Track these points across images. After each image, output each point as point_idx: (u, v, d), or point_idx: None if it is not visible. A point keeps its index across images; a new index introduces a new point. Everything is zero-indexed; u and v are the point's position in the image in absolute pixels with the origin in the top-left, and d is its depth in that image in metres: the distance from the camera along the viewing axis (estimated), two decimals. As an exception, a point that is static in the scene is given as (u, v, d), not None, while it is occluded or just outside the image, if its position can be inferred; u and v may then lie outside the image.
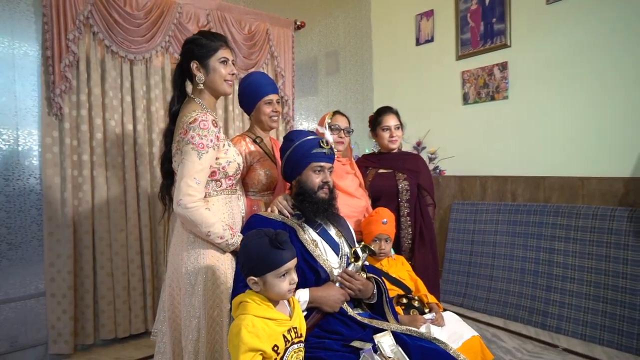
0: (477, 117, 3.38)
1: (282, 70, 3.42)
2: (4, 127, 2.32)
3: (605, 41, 2.68)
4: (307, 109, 3.84)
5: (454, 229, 3.37)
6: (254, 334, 1.03)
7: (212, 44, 1.43)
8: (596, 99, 2.73)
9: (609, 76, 2.67)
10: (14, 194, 2.35)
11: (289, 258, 1.11)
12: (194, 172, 1.30)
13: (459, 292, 3.24)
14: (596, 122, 2.74)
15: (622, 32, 2.61)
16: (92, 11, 2.49)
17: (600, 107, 2.72)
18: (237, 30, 3.13)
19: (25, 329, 2.39)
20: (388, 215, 1.84)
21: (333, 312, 1.36)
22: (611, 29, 2.65)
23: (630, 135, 2.58)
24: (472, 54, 3.36)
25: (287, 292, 1.12)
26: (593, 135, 2.75)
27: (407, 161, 2.18)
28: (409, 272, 1.91)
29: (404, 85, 3.95)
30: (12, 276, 2.35)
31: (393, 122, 2.15)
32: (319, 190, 1.48)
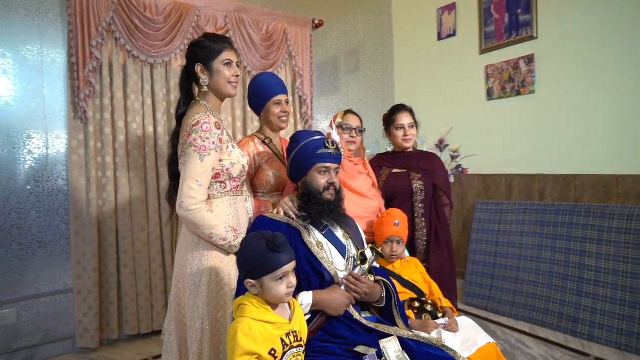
0: (502, 113, 3.24)
1: (300, 69, 3.41)
2: (34, 131, 2.44)
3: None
4: (327, 108, 3.82)
5: (478, 229, 3.26)
6: (250, 337, 1.03)
7: (215, 46, 1.44)
8: (631, 91, 2.55)
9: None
10: (43, 194, 2.47)
11: (286, 261, 1.10)
12: (195, 174, 1.31)
13: (483, 294, 3.12)
14: (631, 115, 2.56)
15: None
16: (114, 17, 2.57)
17: (634, 99, 2.54)
18: (254, 31, 3.15)
19: (55, 323, 2.51)
20: (400, 216, 1.80)
21: (337, 315, 1.33)
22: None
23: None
24: (496, 47, 3.23)
25: (285, 296, 1.11)
26: (628, 130, 2.57)
27: (421, 160, 2.12)
28: (423, 274, 1.85)
29: (425, 81, 3.85)
30: (42, 272, 2.48)
31: (407, 120, 2.09)
32: (325, 191, 1.45)
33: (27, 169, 2.42)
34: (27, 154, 2.42)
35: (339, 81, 3.86)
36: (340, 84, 3.87)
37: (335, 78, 3.83)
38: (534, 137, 3.05)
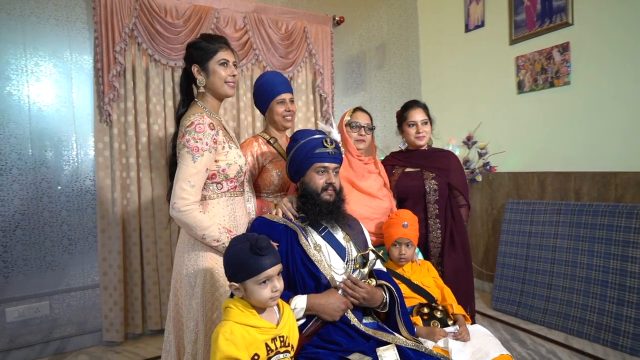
0: (534, 107, 3.03)
1: (321, 67, 3.37)
2: (64, 134, 2.58)
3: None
4: (351, 106, 3.74)
5: (508, 231, 3.07)
6: (231, 341, 1.01)
7: (211, 46, 1.44)
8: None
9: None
10: (73, 194, 2.61)
11: (269, 265, 1.07)
12: (188, 176, 1.31)
13: (513, 300, 2.94)
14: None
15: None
16: (137, 23, 2.66)
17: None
18: (273, 31, 3.15)
19: (85, 317, 2.64)
20: (409, 218, 1.72)
21: (333, 320, 1.29)
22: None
23: None
24: (528, 36, 3.02)
25: (269, 300, 1.08)
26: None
27: (435, 159, 2.01)
28: (435, 279, 1.76)
29: (452, 76, 3.69)
30: (72, 268, 2.61)
31: (420, 116, 1.99)
32: (323, 192, 1.41)
33: (58, 170, 2.56)
34: (58, 157, 2.56)
35: (364, 79, 3.78)
36: (366, 82, 3.79)
37: (361, 75, 3.76)
38: (569, 131, 2.83)
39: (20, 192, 2.46)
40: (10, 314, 2.44)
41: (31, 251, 2.50)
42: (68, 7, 2.58)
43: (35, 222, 2.50)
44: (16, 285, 2.46)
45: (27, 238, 2.48)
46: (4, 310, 2.43)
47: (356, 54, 3.73)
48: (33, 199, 2.49)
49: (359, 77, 3.76)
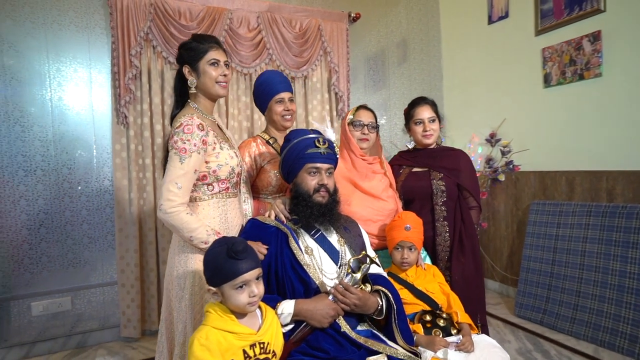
0: (562, 101, 2.83)
1: (336, 65, 3.32)
2: (84, 136, 2.68)
3: None
4: (376, 104, 3.66)
5: (533, 234, 2.89)
6: (206, 347, 0.99)
7: (201, 46, 1.42)
8: None
9: None
10: (92, 194, 2.70)
11: (245, 269, 1.04)
12: (175, 177, 1.30)
13: (538, 307, 2.77)
14: None
15: None
16: (152, 27, 2.72)
17: None
18: (287, 30, 3.13)
19: (104, 313, 2.74)
20: (412, 220, 1.64)
21: (321, 327, 1.24)
22: None
23: None
24: (555, 26, 2.83)
25: (247, 305, 1.05)
26: None
27: (444, 158, 1.91)
28: (442, 284, 1.67)
29: (475, 70, 3.53)
30: (92, 266, 2.71)
31: (427, 114, 1.90)
32: (315, 194, 1.37)
33: (79, 171, 2.66)
34: (79, 158, 2.66)
35: (383, 76, 3.68)
36: (385, 79, 3.69)
37: (379, 73, 3.67)
38: (600, 127, 2.62)
39: (43, 192, 2.58)
40: (35, 308, 2.56)
41: (54, 249, 2.61)
42: (87, 14, 2.67)
43: (57, 221, 2.61)
44: (41, 281, 2.58)
45: (51, 236, 2.60)
46: (29, 304, 2.56)
47: (375, 50, 3.65)
48: (55, 198, 2.61)
49: (376, 75, 3.67)
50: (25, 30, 2.53)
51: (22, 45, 2.52)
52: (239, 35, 2.98)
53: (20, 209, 2.53)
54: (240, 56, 3.00)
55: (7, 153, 2.50)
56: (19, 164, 2.52)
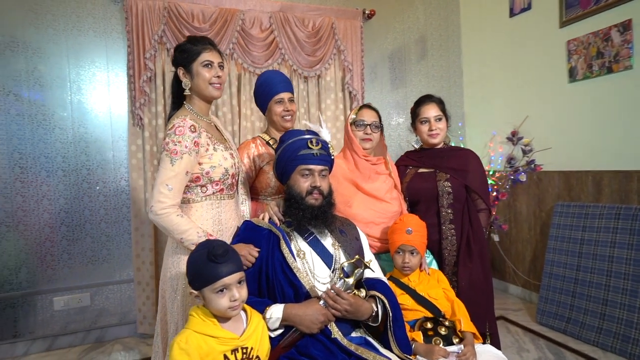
0: (589, 96, 2.66)
1: (350, 64, 3.27)
2: (101, 138, 2.77)
3: None
4: (395, 103, 3.59)
5: (557, 237, 2.74)
6: (185, 351, 0.98)
7: (194, 48, 1.42)
8: None
9: None
10: (110, 194, 2.79)
11: (225, 273, 1.02)
12: (166, 179, 1.31)
13: (561, 315, 2.62)
14: None
15: None
16: (165, 30, 2.77)
17: None
18: (300, 29, 3.11)
19: (122, 309, 2.82)
20: (414, 224, 1.57)
21: (310, 333, 1.21)
22: None
23: None
24: (581, 16, 2.66)
25: (228, 310, 1.04)
26: None
27: (451, 158, 1.82)
28: (446, 290, 1.60)
29: (496, 65, 3.38)
30: (110, 264, 2.80)
31: (433, 112, 1.82)
32: (308, 196, 1.34)
33: (97, 172, 2.75)
34: (97, 159, 2.75)
35: (400, 73, 3.59)
36: (402, 77, 3.60)
37: (394, 70, 3.58)
38: (630, 123, 2.44)
39: (64, 192, 2.69)
40: (57, 303, 2.68)
41: (74, 246, 2.72)
42: (105, 19, 2.76)
43: (77, 220, 2.71)
44: (62, 277, 2.69)
45: (71, 234, 2.70)
46: (52, 299, 2.67)
47: (392, 48, 3.57)
48: (75, 198, 2.71)
49: (394, 72, 3.59)
50: (47, 36, 2.63)
51: (45, 51, 2.63)
52: (251, 35, 2.99)
53: (43, 208, 2.64)
54: (252, 56, 3.00)
55: (30, 155, 2.61)
56: (41, 165, 2.63)
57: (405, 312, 1.53)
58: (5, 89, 2.55)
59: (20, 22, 2.58)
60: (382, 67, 3.55)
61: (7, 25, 2.55)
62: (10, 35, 2.57)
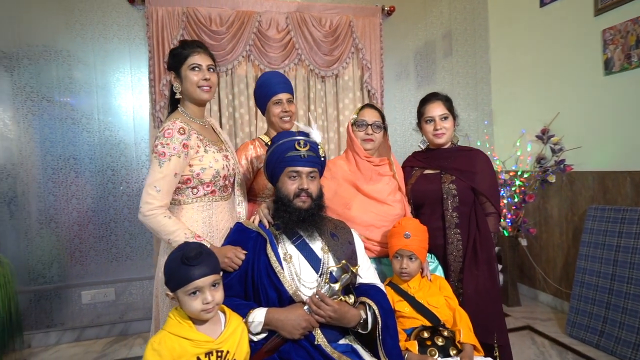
0: (627, 90, 2.44)
1: (368, 62, 3.20)
2: (125, 140, 2.89)
3: None
4: (410, 101, 3.48)
5: (590, 243, 2.53)
6: (157, 352, 0.99)
7: (183, 52, 1.44)
8: None
9: None
10: (133, 194, 2.91)
11: (197, 276, 1.02)
12: (154, 181, 1.33)
13: (594, 327, 2.42)
14: None
15: None
16: (184, 34, 2.85)
17: None
18: (317, 29, 3.09)
19: (143, 304, 2.93)
20: (413, 228, 1.50)
21: (292, 338, 1.19)
22: None
23: None
24: (618, 2, 2.43)
25: (201, 312, 1.04)
26: None
27: (457, 159, 1.72)
28: (448, 298, 1.51)
29: (526, 59, 3.18)
30: (133, 260, 2.92)
31: (438, 111, 1.73)
32: (295, 198, 1.31)
33: (121, 172, 2.88)
34: (121, 160, 2.88)
35: (427, 71, 3.47)
36: (428, 74, 3.48)
37: (419, 67, 3.47)
38: (675, 120, 2.21)
39: (91, 192, 2.83)
40: (85, 297, 2.83)
41: (100, 243, 2.86)
42: (128, 26, 2.88)
43: (103, 218, 2.85)
44: (89, 272, 2.84)
45: (97, 232, 2.85)
46: (80, 293, 2.83)
47: (415, 45, 3.46)
48: (101, 197, 2.85)
49: (416, 70, 3.48)
50: (76, 45, 2.79)
51: (75, 59, 2.79)
52: (267, 37, 3.00)
53: (72, 207, 2.80)
54: (268, 58, 3.02)
55: (61, 156, 2.78)
56: (70, 166, 2.79)
57: (403, 320, 1.47)
58: (39, 94, 2.73)
59: (52, 31, 2.75)
60: (406, 65, 3.45)
61: (41, 35, 2.73)
62: (43, 45, 2.74)
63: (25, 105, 2.72)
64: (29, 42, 2.73)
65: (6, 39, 2.68)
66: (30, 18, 2.71)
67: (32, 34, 2.72)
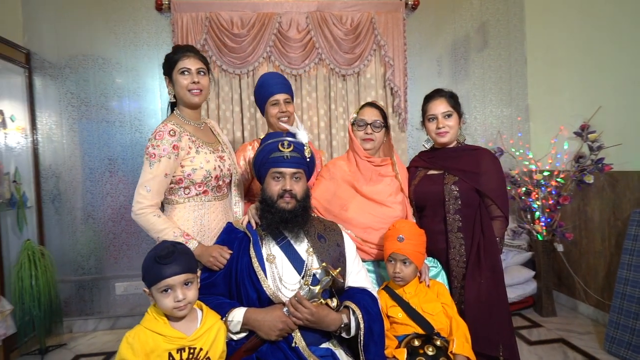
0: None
1: (391, 59, 3.12)
2: (155, 141, 3.05)
3: None
4: None
5: (633, 251, 2.29)
6: (131, 345, 1.04)
7: (174, 57, 1.49)
8: None
9: None
10: (161, 192, 3.06)
11: (168, 274, 1.05)
12: (144, 181, 1.39)
13: (635, 345, 2.18)
14: None
15: None
16: (207, 39, 2.95)
17: None
18: (337, 27, 3.06)
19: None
20: (407, 230, 1.44)
21: (269, 339, 1.19)
22: None
23: None
24: (667, -18, 2.17)
25: (173, 310, 1.07)
26: None
27: (462, 159, 1.62)
28: (446, 306, 1.44)
29: (565, 49, 2.93)
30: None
31: (441, 108, 1.64)
32: (279, 200, 1.31)
33: (150, 172, 3.04)
34: (150, 161, 3.04)
35: (457, 65, 3.32)
36: (458, 69, 3.33)
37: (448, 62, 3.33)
38: None
39: (124, 190, 3.03)
40: (118, 288, 3.03)
41: (132, 239, 3.04)
42: (157, 34, 3.04)
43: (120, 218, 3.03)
44: (122, 265, 3.04)
45: (129, 228, 3.03)
46: (114, 284, 3.03)
47: (444, 39, 3.32)
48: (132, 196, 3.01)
49: (441, 66, 3.34)
50: (110, 53, 2.99)
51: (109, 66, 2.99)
52: (287, 37, 3.02)
53: (107, 204, 3.01)
54: (288, 58, 3.04)
55: (97, 157, 2.99)
56: (105, 166, 3.00)
57: (396, 326, 1.42)
58: (79, 100, 2.96)
59: (89, 42, 2.97)
60: (432, 61, 3.33)
61: (81, 46, 2.96)
62: (82, 55, 2.97)
63: (67, 111, 2.96)
64: (71, 52, 2.97)
65: (51, 51, 2.93)
66: (72, 31, 2.95)
67: (73, 45, 2.96)
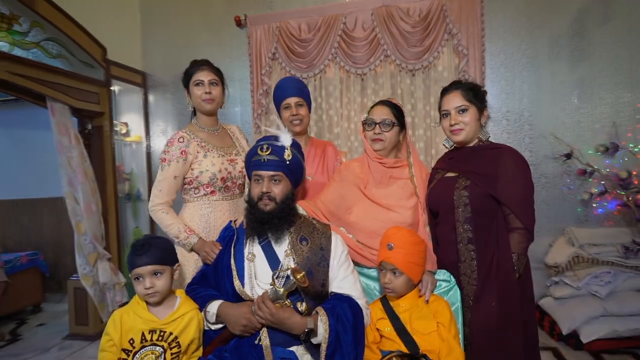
0: None
1: (465, 47, 2.83)
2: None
3: None
4: (541, 87, 2.91)
5: None
6: (114, 322, 1.22)
7: (190, 70, 1.66)
8: None
9: None
10: (240, 190, 3.40)
11: (139, 264, 1.19)
12: (157, 183, 1.58)
13: None
14: None
15: None
16: (277, 47, 3.15)
17: None
18: (404, 21, 2.92)
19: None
20: (399, 238, 1.31)
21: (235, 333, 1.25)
22: None
23: None
24: None
25: (145, 296, 1.21)
26: None
27: (478, 160, 1.36)
28: (441, 326, 1.27)
29: None
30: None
31: (454, 103, 1.41)
32: (259, 202, 1.35)
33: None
34: (231, 162, 3.40)
35: (575, 46, 2.80)
36: (572, 50, 2.80)
37: (548, 45, 2.84)
38: None
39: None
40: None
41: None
42: (237, 47, 3.39)
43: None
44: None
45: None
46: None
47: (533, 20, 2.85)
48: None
49: (525, 52, 2.87)
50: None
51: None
52: (352, 37, 3.02)
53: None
54: (353, 58, 3.03)
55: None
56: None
57: (384, 340, 1.33)
58: (184, 114, 3.49)
59: (185, 61, 3.46)
60: (515, 47, 2.88)
61: (179, 65, 3.47)
62: (181, 71, 3.49)
63: (172, 120, 3.54)
64: (175, 72, 3.49)
65: (161, 71, 3.56)
66: (176, 54, 3.49)
67: (176, 66, 3.45)
